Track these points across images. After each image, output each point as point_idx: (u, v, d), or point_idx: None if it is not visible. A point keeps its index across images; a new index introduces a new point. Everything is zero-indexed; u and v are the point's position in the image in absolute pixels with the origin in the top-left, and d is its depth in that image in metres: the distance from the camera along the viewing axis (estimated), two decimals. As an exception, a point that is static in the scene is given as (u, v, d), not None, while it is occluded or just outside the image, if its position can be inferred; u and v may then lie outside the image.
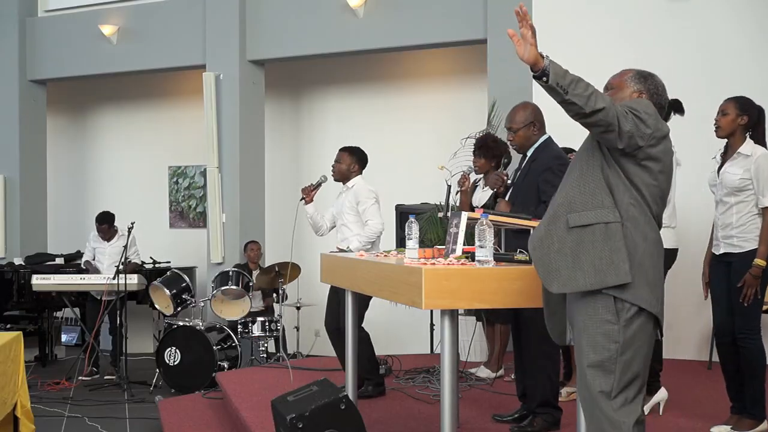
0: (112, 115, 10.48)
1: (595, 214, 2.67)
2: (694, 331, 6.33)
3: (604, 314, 2.65)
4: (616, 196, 2.67)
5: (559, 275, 2.69)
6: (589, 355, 2.67)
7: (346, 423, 3.76)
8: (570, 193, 2.74)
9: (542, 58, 2.57)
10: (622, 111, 2.63)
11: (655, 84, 2.88)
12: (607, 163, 2.70)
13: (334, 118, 9.18)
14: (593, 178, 2.71)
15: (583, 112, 2.56)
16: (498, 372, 5.77)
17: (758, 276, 3.95)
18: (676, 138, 4.68)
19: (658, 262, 2.72)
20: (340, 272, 4.41)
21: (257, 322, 7.30)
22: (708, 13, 6.48)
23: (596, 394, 2.66)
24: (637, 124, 2.63)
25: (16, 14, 9.57)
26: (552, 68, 2.55)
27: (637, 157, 2.67)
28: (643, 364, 2.70)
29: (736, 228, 4.04)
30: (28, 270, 8.39)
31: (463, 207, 5.10)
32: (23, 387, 4.52)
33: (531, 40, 2.60)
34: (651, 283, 2.68)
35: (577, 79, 2.57)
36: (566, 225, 2.70)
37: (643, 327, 2.68)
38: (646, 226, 2.68)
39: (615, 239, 2.64)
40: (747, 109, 4.05)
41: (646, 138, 2.65)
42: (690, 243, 5.70)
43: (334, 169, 5.43)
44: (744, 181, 4.00)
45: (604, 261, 2.63)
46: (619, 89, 2.88)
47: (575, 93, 2.55)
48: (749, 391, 4.04)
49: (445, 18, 7.59)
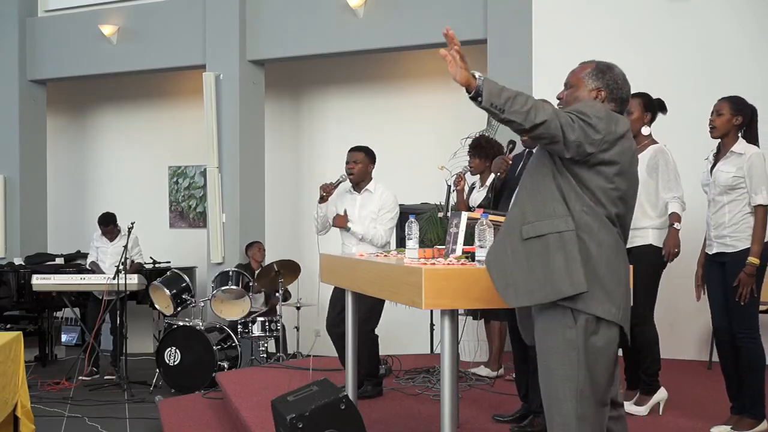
0: (112, 115, 10.48)
1: (547, 224, 2.63)
2: (694, 331, 6.33)
3: (563, 321, 2.63)
4: (569, 204, 2.63)
5: (515, 288, 2.66)
6: (550, 360, 2.65)
7: (346, 423, 3.76)
8: (523, 203, 2.71)
9: (474, 78, 2.52)
10: (568, 120, 2.56)
11: (614, 78, 2.78)
12: (558, 171, 2.65)
13: (334, 118, 9.18)
14: (545, 188, 2.66)
15: (523, 128, 2.53)
16: (497, 371, 5.78)
17: (752, 274, 3.94)
18: (675, 138, 4.71)
19: (617, 268, 2.66)
20: (340, 272, 4.42)
21: (257, 322, 7.30)
22: (708, 13, 6.48)
23: (558, 401, 2.63)
24: (585, 131, 2.57)
25: (16, 14, 9.57)
26: (485, 88, 2.51)
27: (588, 162, 2.62)
28: (606, 372, 2.65)
29: (728, 227, 4.04)
30: (28, 270, 8.38)
31: (459, 206, 5.11)
32: (23, 387, 4.52)
33: (461, 63, 2.54)
34: (609, 290, 2.63)
35: (514, 96, 2.51)
36: (520, 237, 2.66)
37: (604, 335, 2.63)
38: (601, 232, 2.63)
39: (569, 248, 2.59)
40: (741, 109, 4.06)
41: (597, 144, 2.59)
42: (690, 243, 5.70)
43: (353, 170, 5.24)
44: (737, 180, 4.00)
45: (558, 272, 2.59)
46: (577, 88, 2.81)
47: (512, 110, 2.50)
48: (749, 391, 4.03)
49: (445, 18, 7.56)
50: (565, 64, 3.40)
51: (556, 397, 2.64)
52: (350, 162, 5.27)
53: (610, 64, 2.84)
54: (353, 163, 5.25)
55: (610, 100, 2.78)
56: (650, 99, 4.47)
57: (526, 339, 2.92)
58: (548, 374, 2.67)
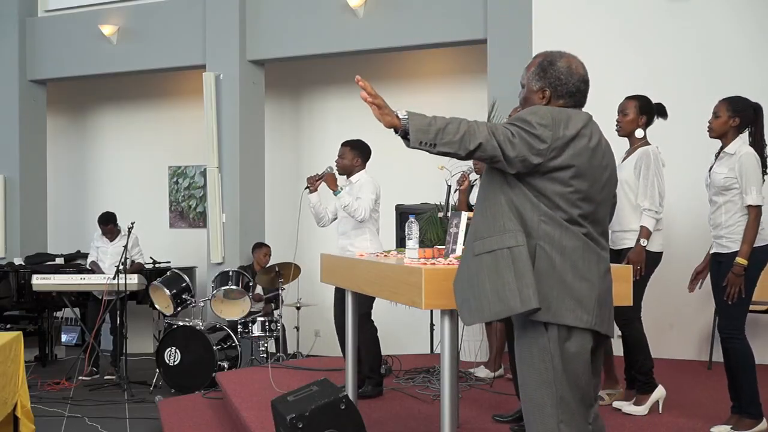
0: (112, 115, 10.48)
1: (497, 240, 2.55)
2: (694, 331, 6.33)
3: (535, 329, 2.59)
4: (525, 215, 2.55)
5: (468, 305, 2.61)
6: (527, 367, 2.63)
7: (346, 423, 3.76)
8: (476, 219, 2.66)
9: (398, 119, 2.48)
10: (507, 136, 2.48)
11: (556, 73, 2.66)
12: (509, 185, 2.58)
13: (334, 118, 9.18)
14: (495, 202, 2.60)
15: (460, 155, 2.49)
16: (497, 371, 5.78)
17: (740, 275, 3.94)
18: (675, 138, 4.71)
19: (586, 271, 2.57)
20: (340, 272, 4.42)
21: (257, 322, 7.30)
22: (708, 13, 6.48)
23: (537, 407, 2.61)
24: (528, 143, 2.48)
25: (16, 14, 9.57)
26: (412, 126, 2.45)
27: (539, 171, 2.52)
28: (584, 375, 2.62)
29: (725, 228, 4.05)
30: (28, 270, 8.39)
31: (461, 206, 5.11)
32: (23, 387, 4.52)
33: (379, 112, 2.52)
34: (578, 297, 2.56)
35: (444, 126, 2.46)
36: (472, 253, 2.61)
37: (579, 341, 2.59)
38: (564, 239, 2.55)
39: (519, 264, 2.51)
40: (739, 111, 4.05)
41: (544, 153, 2.50)
42: (690, 243, 5.70)
43: (338, 164, 5.47)
44: (729, 180, 4.00)
45: (507, 288, 2.51)
46: (527, 90, 2.73)
47: (444, 142, 2.45)
48: (743, 391, 4.04)
49: (445, 18, 7.59)
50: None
51: (537, 404, 2.61)
52: (338, 156, 5.51)
53: (554, 57, 2.69)
54: (339, 158, 5.50)
55: (557, 97, 2.67)
56: (648, 102, 4.47)
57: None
58: (527, 383, 2.64)
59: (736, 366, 4.02)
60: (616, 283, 2.80)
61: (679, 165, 4.65)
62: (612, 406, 4.54)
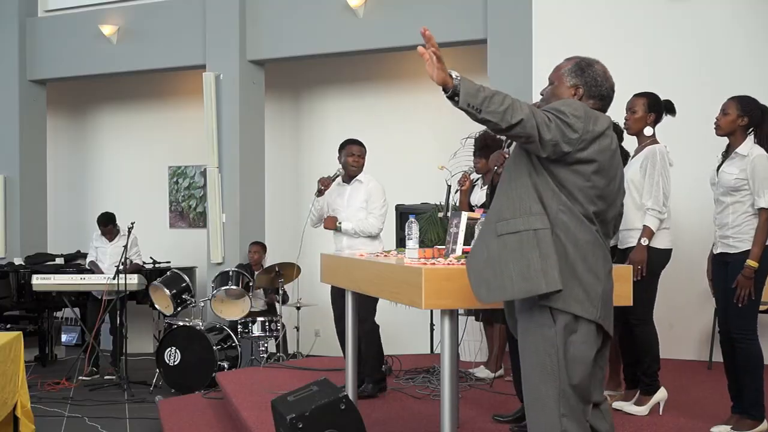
0: (112, 115, 10.47)
1: (523, 221, 2.61)
2: (694, 331, 6.33)
3: (541, 319, 2.63)
4: (545, 202, 2.62)
5: (487, 284, 2.64)
6: (531, 359, 2.65)
7: (346, 423, 3.76)
8: (500, 201, 2.70)
9: (451, 78, 2.50)
10: (544, 119, 2.55)
11: (593, 74, 2.78)
12: (535, 170, 2.64)
13: (334, 118, 9.17)
14: (521, 185, 2.65)
15: (500, 127, 2.52)
16: (497, 372, 5.78)
17: (750, 277, 3.93)
18: (675, 138, 4.70)
19: (595, 265, 2.65)
20: (340, 272, 4.42)
21: (257, 322, 7.30)
22: (708, 13, 6.48)
23: (539, 399, 2.63)
24: (562, 130, 2.56)
25: (16, 14, 9.56)
26: (462, 88, 2.48)
27: (565, 161, 2.61)
28: (588, 371, 2.65)
29: (732, 228, 4.03)
30: (28, 270, 8.38)
31: (462, 207, 5.11)
32: (23, 387, 4.52)
33: (437, 63, 2.52)
34: (587, 288, 2.62)
35: (491, 95, 2.49)
36: (495, 233, 2.65)
37: (584, 334, 2.63)
38: (578, 231, 2.62)
39: (543, 246, 2.58)
40: (748, 111, 4.02)
41: (574, 143, 2.57)
42: (690, 242, 5.70)
43: (356, 164, 5.37)
44: (740, 181, 3.98)
45: (532, 268, 2.57)
46: (557, 84, 2.81)
47: (489, 110, 2.48)
48: (748, 392, 4.03)
49: (445, 18, 7.58)
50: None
51: (539, 396, 2.63)
52: (354, 155, 5.39)
53: (591, 61, 2.82)
54: (357, 157, 5.38)
55: (588, 97, 2.77)
56: (656, 99, 4.43)
57: (513, 332, 2.91)
58: (530, 374, 2.66)
59: (746, 367, 4.01)
60: (616, 283, 2.83)
61: (679, 164, 4.63)
62: (612, 406, 4.54)
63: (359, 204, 5.36)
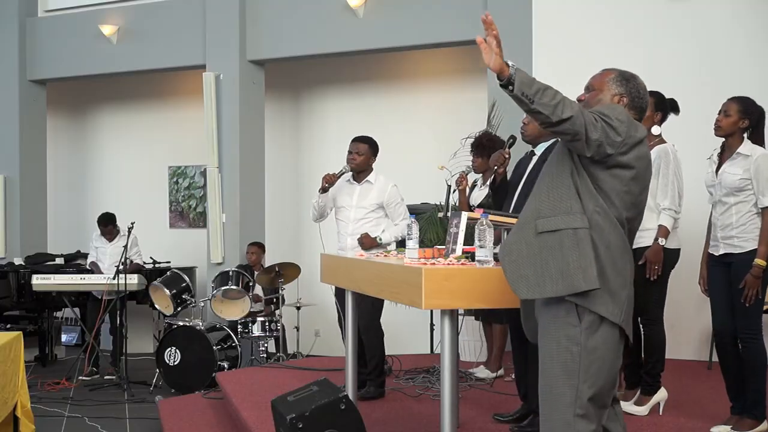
0: (112, 115, 10.48)
1: (563, 220, 2.65)
2: (694, 331, 6.34)
3: (566, 317, 2.65)
4: (583, 203, 2.65)
5: (527, 281, 2.67)
6: (552, 357, 2.67)
7: (346, 423, 3.76)
8: (540, 198, 2.73)
9: (508, 66, 2.54)
10: (591, 119, 2.59)
11: (636, 86, 2.84)
12: (576, 170, 2.68)
13: (334, 118, 9.18)
14: (562, 184, 2.69)
15: (550, 121, 2.54)
16: (497, 372, 5.78)
17: (759, 276, 3.93)
18: (675, 137, 4.70)
19: (622, 270, 2.69)
20: (341, 272, 4.42)
21: (257, 322, 7.30)
22: (708, 13, 6.48)
23: (556, 396, 2.64)
24: (606, 132, 2.60)
25: (16, 14, 9.57)
26: (518, 77, 2.52)
27: (606, 164, 2.65)
28: (607, 374, 2.67)
29: (736, 228, 4.02)
30: (28, 270, 8.38)
31: (461, 206, 5.11)
32: (23, 387, 4.52)
33: (496, 49, 2.57)
34: (613, 292, 2.65)
35: (544, 88, 2.53)
36: (534, 230, 2.68)
37: (606, 336, 2.66)
38: (611, 234, 2.65)
39: (583, 245, 2.61)
40: (749, 113, 4.03)
41: (617, 146, 2.62)
42: (691, 242, 5.70)
43: (354, 161, 5.26)
44: (744, 181, 3.98)
45: (571, 266, 2.60)
46: (600, 91, 2.84)
47: (542, 102, 2.52)
48: (750, 392, 4.03)
49: (445, 18, 7.58)
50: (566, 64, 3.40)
51: (555, 395, 2.65)
52: (353, 152, 5.28)
53: (633, 74, 2.88)
54: (355, 154, 5.27)
55: (630, 107, 2.82)
56: (662, 98, 4.43)
57: (529, 337, 2.92)
58: (548, 372, 2.68)
59: (750, 366, 4.00)
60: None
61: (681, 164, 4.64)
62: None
63: (370, 207, 5.25)
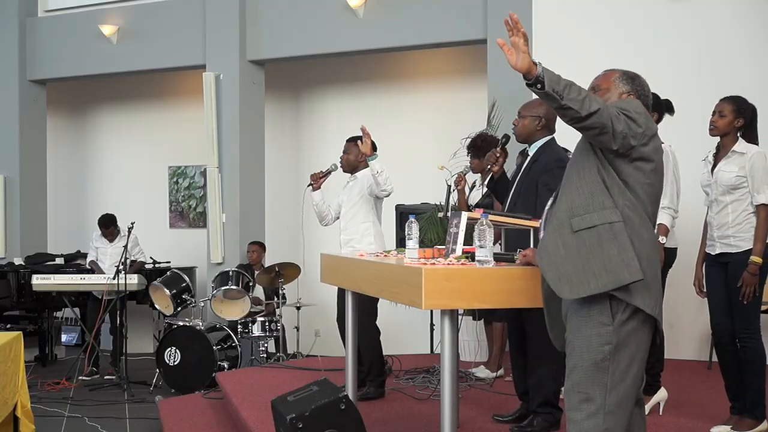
0: (112, 115, 10.48)
1: (598, 216, 2.66)
2: (694, 331, 6.33)
3: (598, 316, 2.65)
4: (613, 197, 2.67)
5: (569, 280, 2.66)
6: (583, 356, 2.66)
7: (346, 423, 3.76)
8: (571, 197, 2.73)
9: (535, 65, 2.56)
10: (615, 112, 2.62)
11: (641, 84, 2.86)
12: (602, 166, 2.69)
13: (334, 118, 9.17)
14: (591, 180, 2.70)
15: (579, 116, 2.55)
16: (497, 372, 5.78)
17: (755, 274, 3.95)
18: (675, 137, 4.70)
19: (654, 263, 2.71)
20: (341, 272, 4.41)
21: (257, 322, 7.30)
22: (708, 13, 6.48)
23: (584, 394, 2.64)
24: (629, 124, 2.63)
25: (16, 14, 9.57)
26: (546, 75, 2.54)
27: (630, 156, 2.67)
28: (637, 369, 2.67)
29: (732, 227, 4.04)
30: (28, 270, 8.38)
31: (460, 207, 5.11)
32: (23, 387, 4.52)
33: (523, 48, 2.58)
34: (648, 284, 2.66)
35: (570, 84, 2.56)
36: (570, 230, 2.69)
37: (639, 329, 2.66)
38: (642, 228, 2.67)
39: (621, 238, 2.63)
40: (743, 112, 4.06)
41: (639, 137, 2.65)
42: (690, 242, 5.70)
43: (343, 160, 5.43)
44: (739, 179, 4.00)
45: (614, 261, 2.61)
46: (608, 90, 2.86)
47: (570, 98, 2.54)
48: (749, 391, 4.03)
49: (445, 18, 7.58)
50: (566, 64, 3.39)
51: (584, 392, 2.64)
52: (342, 153, 5.46)
53: (636, 73, 2.90)
54: (344, 154, 5.45)
55: None
56: (657, 99, 4.43)
57: (557, 345, 2.91)
58: (578, 370, 2.67)
59: (749, 365, 4.01)
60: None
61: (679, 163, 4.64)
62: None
63: (355, 199, 5.38)
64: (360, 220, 5.34)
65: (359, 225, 5.33)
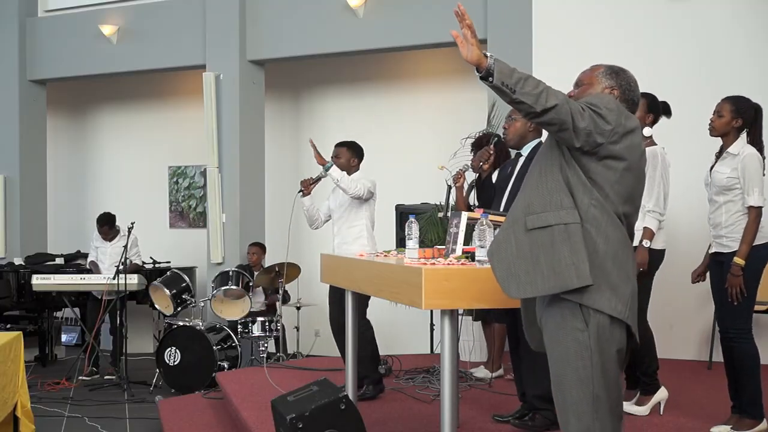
0: (112, 115, 10.48)
1: (553, 216, 2.57)
2: (694, 331, 6.34)
3: (573, 321, 2.57)
4: (576, 196, 2.58)
5: (517, 279, 2.59)
6: (564, 364, 2.60)
7: (346, 423, 3.76)
8: (530, 195, 2.65)
9: (486, 57, 2.50)
10: (578, 108, 2.52)
11: (626, 79, 2.78)
12: (566, 163, 2.60)
13: (334, 118, 9.17)
14: (552, 179, 2.62)
15: (534, 111, 2.48)
16: (497, 372, 5.78)
17: (738, 275, 3.94)
18: (675, 138, 4.71)
19: (624, 264, 2.60)
20: (340, 272, 4.42)
21: (257, 322, 7.29)
22: (708, 13, 6.49)
23: (573, 404, 2.58)
24: (595, 121, 2.53)
25: (16, 14, 9.57)
26: (497, 67, 2.48)
27: (598, 154, 2.57)
28: (616, 378, 2.61)
29: (725, 227, 4.05)
30: (28, 270, 8.38)
31: (459, 204, 5.12)
32: (23, 387, 4.52)
33: (472, 39, 2.52)
34: (615, 286, 2.56)
35: (525, 77, 2.48)
36: (524, 228, 2.60)
37: (614, 336, 2.58)
38: (609, 227, 2.57)
39: (574, 240, 2.54)
40: (742, 112, 4.05)
41: (607, 134, 2.54)
42: (690, 243, 5.71)
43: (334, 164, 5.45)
44: (731, 180, 4.00)
45: (563, 263, 2.53)
46: (590, 85, 2.79)
47: (523, 92, 2.47)
48: (745, 391, 4.04)
49: (445, 18, 7.53)
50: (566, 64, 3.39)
51: (572, 403, 2.58)
52: (332, 158, 5.52)
53: (622, 67, 2.83)
54: (335, 158, 5.50)
55: (622, 100, 2.76)
56: (655, 100, 4.45)
57: (533, 345, 2.85)
58: (562, 380, 2.61)
59: (741, 366, 4.01)
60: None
61: (678, 164, 4.64)
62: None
63: (343, 204, 5.44)
64: (351, 224, 5.39)
65: (351, 228, 5.38)
